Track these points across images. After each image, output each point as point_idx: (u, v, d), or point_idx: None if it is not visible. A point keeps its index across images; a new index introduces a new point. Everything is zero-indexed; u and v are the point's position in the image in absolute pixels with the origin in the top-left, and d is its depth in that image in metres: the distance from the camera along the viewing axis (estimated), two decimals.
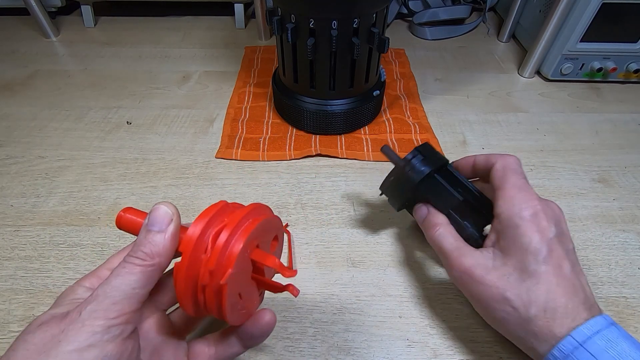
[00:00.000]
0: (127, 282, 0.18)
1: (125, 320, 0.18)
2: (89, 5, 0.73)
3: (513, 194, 0.27)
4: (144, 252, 0.19)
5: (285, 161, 0.47)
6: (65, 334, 0.17)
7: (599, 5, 0.51)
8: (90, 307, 0.17)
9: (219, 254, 0.19)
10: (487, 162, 0.31)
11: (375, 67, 0.47)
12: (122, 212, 0.22)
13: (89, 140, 0.49)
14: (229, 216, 0.20)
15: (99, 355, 0.17)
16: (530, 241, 0.25)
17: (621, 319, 0.33)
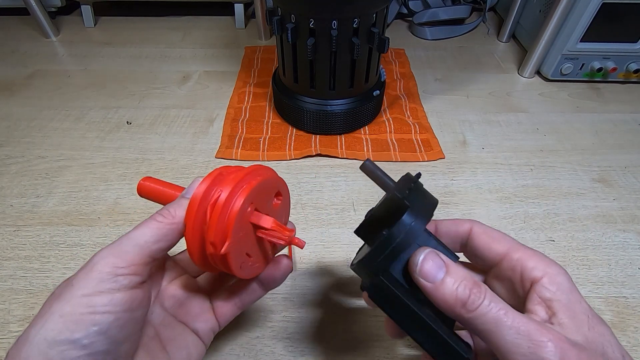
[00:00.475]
0: (142, 234, 0.19)
1: (133, 271, 0.18)
2: (89, 5, 0.73)
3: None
4: (167, 211, 0.20)
5: (285, 161, 0.47)
6: (77, 279, 0.17)
7: (599, 5, 0.51)
8: (103, 253, 0.18)
9: (216, 225, 0.19)
10: (513, 261, 0.21)
11: (375, 67, 0.47)
12: (147, 183, 0.24)
13: (89, 140, 0.49)
14: (226, 180, 0.21)
15: (107, 303, 0.17)
16: None
17: (621, 319, 0.33)
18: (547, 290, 0.19)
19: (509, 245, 0.21)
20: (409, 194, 0.20)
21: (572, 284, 0.20)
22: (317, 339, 0.31)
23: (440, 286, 0.19)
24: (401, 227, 0.20)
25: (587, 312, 0.19)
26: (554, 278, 0.19)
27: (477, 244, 0.23)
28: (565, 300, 0.19)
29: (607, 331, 0.18)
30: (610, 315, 0.33)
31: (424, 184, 0.24)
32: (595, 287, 0.35)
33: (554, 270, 0.20)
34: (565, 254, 0.37)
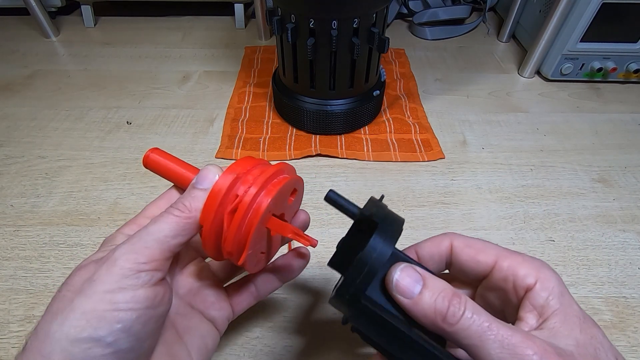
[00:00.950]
0: (160, 229, 0.19)
1: (154, 267, 0.18)
2: (89, 5, 0.73)
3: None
4: (183, 204, 0.20)
5: (285, 161, 0.47)
6: (98, 274, 0.17)
7: (599, 5, 0.51)
8: (124, 248, 0.18)
9: (234, 236, 0.19)
10: (503, 270, 0.20)
11: (375, 67, 0.47)
12: (154, 154, 0.23)
13: (89, 140, 0.49)
14: (246, 181, 0.20)
15: (131, 300, 0.17)
16: None
17: (621, 319, 0.33)
18: (539, 297, 0.19)
19: (496, 254, 0.21)
20: (376, 213, 0.20)
21: (563, 287, 0.19)
22: (317, 339, 0.31)
23: (418, 301, 0.18)
24: (373, 246, 0.19)
25: (579, 314, 0.19)
26: (546, 283, 0.19)
27: (462, 259, 0.21)
28: (557, 304, 0.18)
29: (599, 333, 0.18)
30: (610, 315, 0.33)
31: (424, 185, 0.24)
32: (595, 287, 0.35)
33: (545, 275, 0.19)
34: (565, 254, 0.37)
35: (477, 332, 0.17)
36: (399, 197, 0.42)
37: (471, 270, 0.21)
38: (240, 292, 0.26)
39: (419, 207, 0.41)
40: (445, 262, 0.22)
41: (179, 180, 0.23)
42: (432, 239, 0.23)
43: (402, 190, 0.43)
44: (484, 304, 0.22)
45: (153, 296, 0.18)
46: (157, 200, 0.23)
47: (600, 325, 0.31)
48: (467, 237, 0.22)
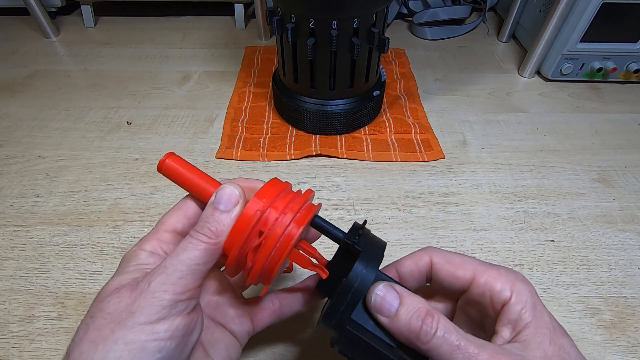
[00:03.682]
0: (192, 257, 0.19)
1: (190, 296, 0.18)
2: (89, 5, 0.73)
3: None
4: (210, 230, 0.19)
5: (285, 161, 0.47)
6: (137, 306, 0.17)
7: (599, 5, 0.51)
8: (160, 278, 0.18)
9: (259, 273, 0.20)
10: (474, 281, 0.21)
11: (375, 67, 0.47)
12: (173, 161, 0.23)
13: (89, 140, 0.49)
14: (271, 217, 0.20)
15: (169, 329, 0.17)
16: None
17: (621, 319, 0.33)
18: (513, 311, 0.19)
19: (473, 269, 0.21)
20: (359, 239, 0.21)
21: (536, 299, 0.20)
22: (317, 338, 0.31)
23: (395, 319, 0.19)
24: (356, 271, 0.20)
25: (549, 325, 0.19)
26: (520, 297, 0.20)
27: (441, 275, 0.22)
28: (530, 317, 0.19)
29: (567, 343, 0.19)
30: (610, 315, 0.33)
31: (424, 185, 0.24)
32: (595, 287, 0.35)
33: (519, 289, 0.20)
34: (565, 254, 0.37)
35: (447, 351, 0.18)
36: (399, 197, 0.42)
37: (450, 285, 0.22)
38: (263, 309, 0.25)
39: (419, 207, 0.41)
40: (425, 278, 0.23)
41: (197, 191, 0.22)
42: (411, 255, 0.23)
43: (402, 190, 0.43)
44: (465, 317, 0.23)
45: (189, 323, 0.18)
46: (174, 211, 0.23)
47: (600, 325, 0.32)
48: (446, 252, 0.23)
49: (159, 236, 0.21)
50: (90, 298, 0.33)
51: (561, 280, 0.35)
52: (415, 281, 0.23)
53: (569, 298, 0.34)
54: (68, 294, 0.34)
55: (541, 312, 0.20)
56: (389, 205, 0.42)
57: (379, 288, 0.20)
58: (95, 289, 0.34)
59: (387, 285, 0.20)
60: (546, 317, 0.19)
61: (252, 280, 0.20)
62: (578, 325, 0.32)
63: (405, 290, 0.20)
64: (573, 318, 0.33)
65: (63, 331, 0.31)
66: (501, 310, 0.20)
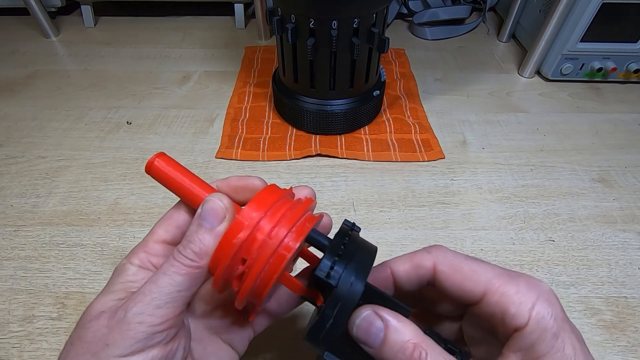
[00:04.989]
0: (173, 283, 0.18)
1: (168, 326, 0.17)
2: (89, 5, 0.73)
3: None
4: (192, 252, 0.18)
5: (285, 161, 0.47)
6: (112, 338, 0.17)
7: (599, 5, 0.51)
8: (136, 308, 0.17)
9: (245, 297, 0.18)
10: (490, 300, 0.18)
11: (375, 67, 0.47)
12: (162, 161, 0.20)
13: (89, 140, 0.49)
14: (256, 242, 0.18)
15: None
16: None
17: (621, 319, 0.33)
18: (527, 339, 0.17)
19: (486, 283, 0.18)
20: (344, 250, 0.19)
21: (560, 325, 0.17)
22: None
23: (379, 351, 0.17)
24: (335, 300, 0.18)
25: (570, 358, 0.16)
26: (538, 324, 0.17)
27: (446, 285, 0.19)
28: (546, 348, 0.16)
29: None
30: (610, 315, 0.33)
31: (424, 185, 0.23)
32: (595, 287, 0.35)
33: (539, 314, 0.17)
34: (565, 254, 0.37)
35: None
36: (399, 197, 0.42)
37: (457, 297, 0.19)
38: (261, 310, 0.24)
39: (419, 207, 0.41)
40: (425, 282, 0.20)
41: (187, 198, 0.20)
42: (411, 257, 0.20)
43: (402, 190, 0.43)
44: (471, 324, 0.21)
45: (167, 354, 0.18)
46: (164, 220, 0.21)
47: (600, 325, 0.31)
48: (454, 256, 0.20)
49: (148, 248, 0.20)
50: (90, 298, 0.33)
51: (561, 280, 0.35)
52: (413, 286, 0.21)
53: (569, 298, 0.34)
54: (68, 294, 0.34)
55: (563, 343, 0.16)
56: (389, 205, 0.42)
57: (362, 317, 0.17)
58: (95, 289, 0.34)
59: (370, 314, 0.17)
60: (569, 350, 0.16)
61: (240, 305, 0.19)
62: (578, 325, 0.32)
63: (392, 319, 0.17)
64: (573, 318, 0.33)
65: (63, 331, 0.31)
66: (513, 334, 0.17)
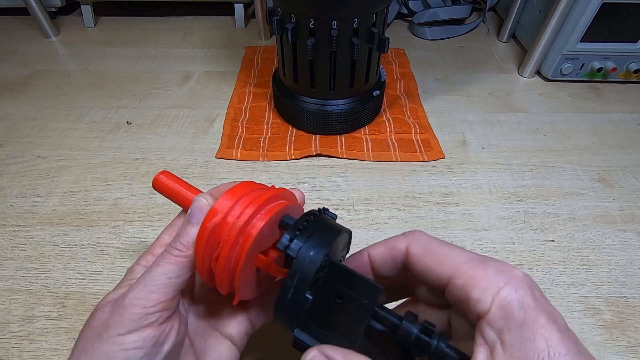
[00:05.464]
0: (164, 272, 0.20)
1: (161, 308, 0.19)
2: (89, 5, 0.73)
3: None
4: (181, 244, 0.20)
5: (285, 161, 0.47)
6: (112, 320, 0.19)
7: (599, 5, 0.51)
8: (132, 293, 0.19)
9: (223, 280, 0.19)
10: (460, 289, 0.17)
11: (375, 67, 0.47)
12: (163, 177, 0.24)
13: (89, 140, 0.49)
14: (227, 225, 0.19)
15: (138, 340, 0.19)
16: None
17: (621, 319, 0.33)
18: (490, 329, 0.15)
19: (454, 266, 0.17)
20: (306, 226, 0.19)
21: (529, 315, 0.15)
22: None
23: None
24: (294, 270, 0.18)
25: (540, 353, 0.14)
26: (501, 311, 0.15)
27: (418, 269, 0.19)
28: (510, 339, 0.15)
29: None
30: (610, 315, 0.33)
31: (424, 185, 0.23)
32: (595, 287, 0.35)
33: (503, 298, 0.15)
34: (565, 254, 0.37)
35: None
36: (399, 197, 0.42)
37: (429, 282, 0.19)
38: (257, 305, 0.25)
39: (419, 207, 0.41)
40: (400, 267, 0.20)
41: (185, 205, 0.23)
42: (388, 241, 0.20)
43: (402, 190, 0.43)
44: (456, 315, 0.20)
45: (159, 333, 0.19)
46: (169, 227, 0.24)
47: (600, 325, 0.31)
48: (429, 240, 0.19)
49: (154, 251, 0.23)
50: (90, 298, 0.34)
51: (561, 280, 0.35)
52: (390, 270, 0.20)
53: (569, 298, 0.34)
54: (68, 294, 0.34)
55: (533, 334, 0.15)
56: (389, 205, 0.42)
57: (309, 358, 0.17)
58: (95, 289, 0.34)
59: (316, 355, 0.17)
60: (540, 343, 0.14)
61: (222, 290, 0.20)
62: (578, 325, 0.32)
63: (338, 357, 0.17)
64: (573, 318, 0.33)
65: (63, 331, 0.31)
66: (477, 324, 0.16)
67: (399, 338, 0.18)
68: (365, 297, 0.19)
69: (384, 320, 0.19)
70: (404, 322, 0.18)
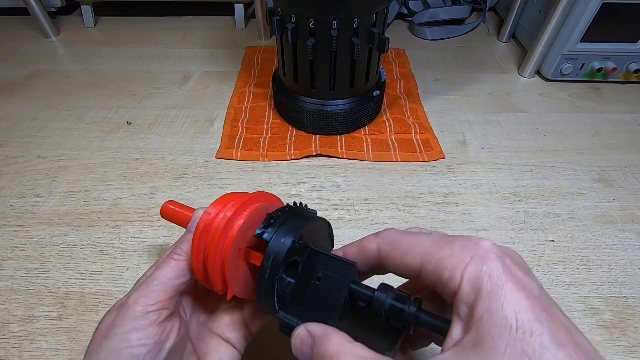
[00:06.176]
0: (164, 274, 0.22)
1: (160, 307, 0.21)
2: (89, 5, 0.73)
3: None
4: (180, 249, 0.23)
5: (285, 161, 0.47)
6: (118, 319, 0.20)
7: (599, 5, 0.51)
8: (135, 294, 0.21)
9: (214, 277, 0.21)
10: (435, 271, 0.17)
11: (375, 67, 0.47)
12: (167, 204, 0.28)
13: (89, 140, 0.49)
14: (212, 228, 0.21)
15: (142, 337, 0.20)
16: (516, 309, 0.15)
17: (621, 319, 0.33)
18: (462, 304, 0.15)
19: (422, 253, 0.17)
20: (280, 216, 0.21)
21: (497, 284, 0.15)
22: None
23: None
24: (268, 253, 0.20)
25: (509, 321, 0.14)
26: (472, 283, 0.15)
27: (390, 265, 0.19)
28: (480, 311, 0.15)
29: (539, 347, 0.13)
30: (610, 315, 0.33)
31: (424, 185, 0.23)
32: (595, 287, 0.35)
33: (472, 270, 0.15)
34: (565, 254, 0.37)
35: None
36: (399, 197, 0.42)
37: (404, 275, 0.19)
38: (254, 311, 0.26)
39: (419, 207, 0.41)
40: (375, 265, 0.21)
41: (187, 224, 0.25)
42: (359, 241, 0.21)
43: (402, 190, 0.43)
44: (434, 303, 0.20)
45: (161, 331, 0.20)
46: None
47: (600, 325, 0.31)
48: (397, 235, 0.19)
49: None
50: (90, 298, 0.34)
51: (561, 280, 0.35)
52: (363, 268, 0.21)
53: (569, 298, 0.34)
54: (68, 294, 0.34)
55: (500, 302, 0.14)
56: (389, 205, 0.42)
57: (295, 335, 0.19)
58: (95, 289, 0.34)
59: (301, 331, 0.18)
60: (508, 310, 0.14)
61: (217, 287, 0.21)
62: (578, 325, 0.32)
63: (320, 332, 0.18)
64: (573, 318, 0.33)
65: (63, 331, 0.31)
66: (454, 303, 0.16)
67: (373, 309, 0.19)
68: (341, 275, 0.20)
69: (360, 294, 0.20)
70: (376, 293, 0.19)
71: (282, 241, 0.20)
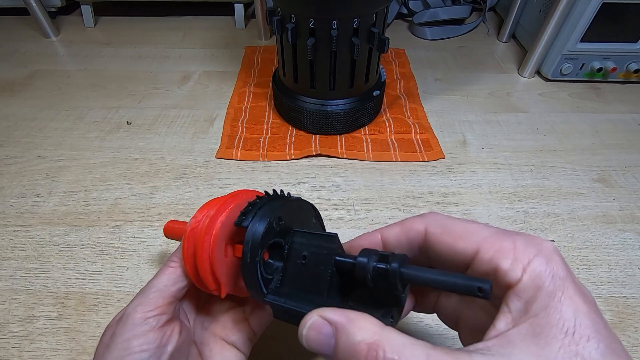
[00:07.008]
0: (160, 281, 0.22)
1: (159, 312, 0.21)
2: (89, 5, 0.73)
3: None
4: (176, 256, 0.23)
5: (285, 161, 0.47)
6: (118, 329, 0.21)
7: (599, 5, 0.51)
8: (134, 302, 0.21)
9: (205, 277, 0.21)
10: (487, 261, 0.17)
11: (375, 67, 0.47)
12: (168, 223, 0.30)
13: (89, 140, 0.49)
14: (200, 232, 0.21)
15: (142, 343, 0.20)
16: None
17: (621, 319, 0.33)
18: (518, 299, 0.15)
19: (479, 241, 0.17)
20: (257, 204, 0.21)
21: (559, 285, 0.15)
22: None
23: (335, 356, 0.16)
24: (247, 238, 0.20)
25: (567, 324, 0.14)
26: (534, 281, 0.15)
27: (437, 248, 0.18)
28: (538, 309, 0.14)
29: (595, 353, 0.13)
30: (610, 315, 0.33)
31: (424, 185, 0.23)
32: (595, 287, 0.35)
33: (535, 270, 0.15)
34: (565, 254, 0.37)
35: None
36: (399, 197, 0.42)
37: (450, 261, 0.18)
38: (257, 312, 0.26)
39: (419, 207, 0.41)
40: (417, 248, 0.20)
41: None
42: (404, 221, 0.20)
43: (402, 190, 0.43)
44: (469, 308, 0.20)
45: (161, 336, 0.21)
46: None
47: None
48: (447, 219, 0.19)
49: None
50: (90, 298, 0.34)
51: None
52: (404, 251, 0.20)
53: None
54: (68, 294, 0.34)
55: (560, 304, 0.14)
56: (389, 205, 0.42)
57: (308, 326, 0.16)
58: (95, 289, 0.34)
59: (317, 320, 0.16)
60: (567, 313, 0.14)
61: (210, 286, 0.21)
62: None
63: (341, 320, 0.16)
64: None
65: (63, 331, 0.31)
66: (506, 293, 0.16)
67: (357, 275, 0.18)
68: (324, 249, 0.20)
69: (343, 264, 0.19)
70: (358, 258, 0.18)
71: (258, 225, 0.20)
